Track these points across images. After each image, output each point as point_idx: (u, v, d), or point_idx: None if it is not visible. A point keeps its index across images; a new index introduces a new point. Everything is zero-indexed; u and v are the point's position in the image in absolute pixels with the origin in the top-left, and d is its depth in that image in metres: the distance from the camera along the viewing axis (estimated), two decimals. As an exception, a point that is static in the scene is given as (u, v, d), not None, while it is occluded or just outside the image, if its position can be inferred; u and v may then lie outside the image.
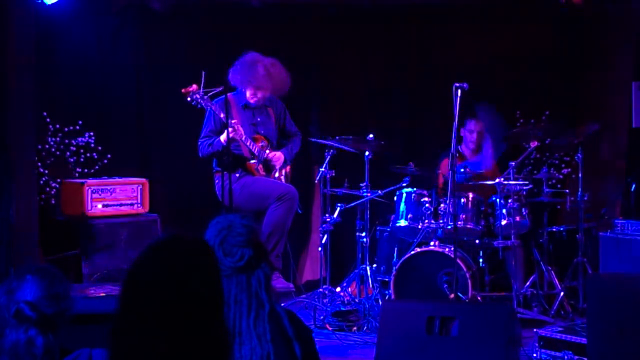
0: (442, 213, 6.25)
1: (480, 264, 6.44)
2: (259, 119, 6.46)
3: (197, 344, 1.77)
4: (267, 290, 2.65)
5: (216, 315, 1.84)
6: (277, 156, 6.46)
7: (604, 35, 7.49)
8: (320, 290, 6.31)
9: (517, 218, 6.22)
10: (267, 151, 6.42)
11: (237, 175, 6.24)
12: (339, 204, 6.42)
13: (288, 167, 6.67)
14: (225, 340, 1.88)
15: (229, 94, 6.31)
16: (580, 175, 6.43)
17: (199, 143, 6.31)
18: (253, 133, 6.39)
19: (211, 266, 1.87)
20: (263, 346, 2.57)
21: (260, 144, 6.38)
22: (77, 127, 6.68)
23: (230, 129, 5.93)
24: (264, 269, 2.67)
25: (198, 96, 5.94)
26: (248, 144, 6.27)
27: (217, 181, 6.37)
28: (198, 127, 6.47)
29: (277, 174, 6.51)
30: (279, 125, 6.64)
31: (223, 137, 6.09)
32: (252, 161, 6.33)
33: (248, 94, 6.33)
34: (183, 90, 5.96)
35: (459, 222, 6.11)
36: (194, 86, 5.93)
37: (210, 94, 5.96)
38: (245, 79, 6.25)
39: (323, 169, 6.33)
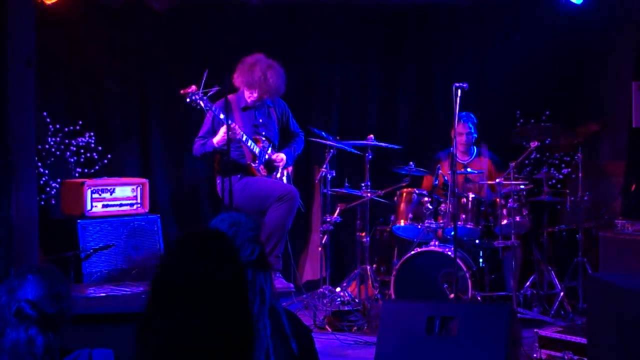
0: (442, 213, 6.26)
1: (480, 264, 6.44)
2: (260, 120, 6.47)
3: (225, 330, 1.80)
4: (271, 287, 2.68)
5: (242, 301, 1.87)
6: (280, 157, 6.47)
7: (604, 35, 7.49)
8: (320, 290, 6.31)
9: (517, 218, 6.22)
10: (269, 151, 6.42)
11: (239, 176, 6.25)
12: (339, 204, 6.42)
13: (290, 168, 6.67)
14: (250, 324, 1.91)
15: (230, 96, 6.32)
16: (580, 175, 6.43)
17: (194, 142, 6.36)
18: (254, 134, 6.40)
19: (232, 258, 1.91)
20: (262, 341, 2.59)
21: (261, 145, 6.38)
22: (77, 127, 6.68)
23: (224, 132, 5.95)
24: (269, 266, 2.71)
25: (197, 97, 5.93)
26: (249, 144, 6.28)
27: (218, 181, 6.38)
28: (198, 127, 6.47)
29: (278, 174, 6.52)
30: (282, 125, 6.65)
31: (216, 139, 6.12)
32: (254, 163, 6.33)
33: (246, 94, 6.37)
34: (182, 92, 5.96)
35: (459, 222, 6.11)
36: (193, 87, 5.93)
37: (210, 94, 5.96)
38: (243, 79, 6.31)
39: (323, 169, 6.33)
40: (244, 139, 6.22)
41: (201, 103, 5.96)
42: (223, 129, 6.01)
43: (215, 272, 1.84)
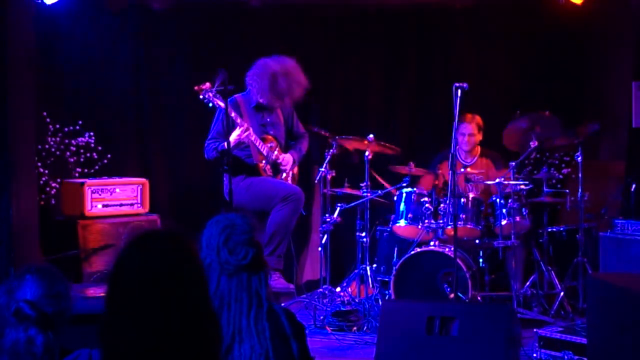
0: (442, 213, 6.25)
1: (480, 264, 6.44)
2: (268, 120, 6.45)
3: (185, 334, 1.78)
4: (266, 288, 2.68)
5: (200, 304, 1.85)
6: (287, 159, 6.45)
7: (604, 35, 7.49)
8: (320, 290, 6.31)
9: (517, 218, 6.21)
10: (276, 152, 6.40)
11: (242, 176, 6.24)
12: (339, 204, 6.42)
13: (295, 168, 6.66)
14: (215, 328, 1.89)
15: (237, 95, 6.32)
16: (580, 175, 6.43)
17: (206, 145, 6.30)
18: (262, 134, 6.38)
19: (189, 256, 1.89)
20: (262, 344, 2.60)
21: (269, 145, 6.37)
22: (77, 127, 6.68)
23: (238, 131, 5.93)
24: (264, 268, 2.70)
25: (211, 94, 5.89)
26: (257, 144, 6.26)
27: (225, 181, 6.36)
28: (198, 126, 6.47)
29: (284, 175, 6.50)
30: (287, 126, 6.63)
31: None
32: (261, 163, 6.32)
33: (267, 101, 6.33)
34: (196, 88, 5.92)
35: (459, 222, 6.11)
36: (207, 84, 5.89)
37: (220, 89, 5.92)
38: (261, 87, 6.26)
39: (323, 169, 6.33)
40: (252, 138, 6.20)
41: (215, 100, 5.93)
42: (236, 132, 5.95)
43: (171, 272, 1.82)
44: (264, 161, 6.31)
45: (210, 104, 5.95)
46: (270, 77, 6.23)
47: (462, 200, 6.25)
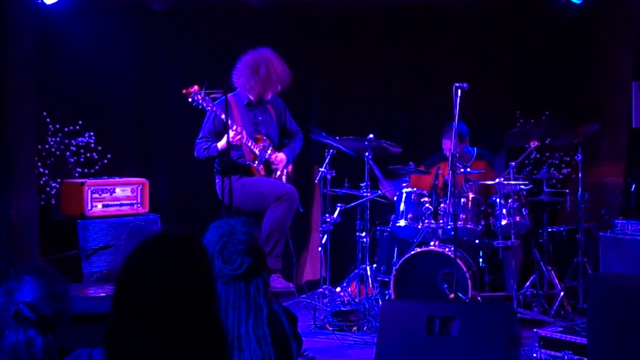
0: (442, 213, 6.25)
1: (480, 264, 6.44)
2: (260, 118, 6.45)
3: (192, 338, 1.78)
4: (265, 296, 2.67)
5: (209, 310, 1.84)
6: (280, 158, 6.43)
7: (604, 35, 7.49)
8: (320, 290, 6.31)
9: (517, 218, 6.22)
10: (269, 151, 6.40)
11: (237, 176, 6.23)
12: (339, 204, 6.42)
13: (290, 167, 6.66)
14: (221, 334, 1.88)
15: (228, 95, 6.31)
16: (580, 175, 6.43)
17: (196, 143, 6.29)
18: (254, 133, 6.38)
19: (200, 261, 1.88)
20: (263, 350, 2.58)
21: (262, 144, 6.36)
22: (77, 127, 6.68)
23: (232, 133, 5.92)
24: (263, 276, 2.69)
25: (199, 97, 5.91)
26: (250, 144, 6.26)
27: (217, 180, 6.36)
28: (198, 127, 6.46)
29: (278, 173, 6.50)
30: (280, 124, 6.63)
31: (220, 144, 6.05)
32: (253, 163, 6.32)
33: (250, 96, 6.33)
34: (184, 91, 5.94)
35: (459, 222, 6.11)
36: (195, 87, 5.91)
37: (212, 95, 5.94)
38: (245, 82, 6.26)
39: (323, 169, 6.33)
40: (244, 140, 6.20)
41: (203, 104, 5.95)
42: (230, 134, 5.94)
43: (180, 275, 1.81)
44: (256, 161, 6.31)
45: (200, 107, 5.97)
46: (252, 67, 6.24)
47: (462, 200, 6.25)
